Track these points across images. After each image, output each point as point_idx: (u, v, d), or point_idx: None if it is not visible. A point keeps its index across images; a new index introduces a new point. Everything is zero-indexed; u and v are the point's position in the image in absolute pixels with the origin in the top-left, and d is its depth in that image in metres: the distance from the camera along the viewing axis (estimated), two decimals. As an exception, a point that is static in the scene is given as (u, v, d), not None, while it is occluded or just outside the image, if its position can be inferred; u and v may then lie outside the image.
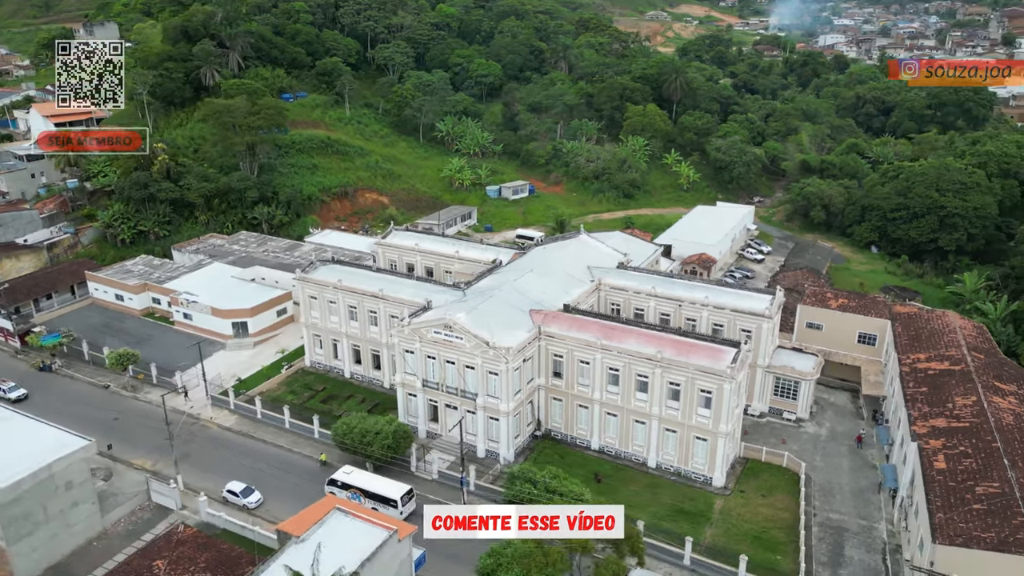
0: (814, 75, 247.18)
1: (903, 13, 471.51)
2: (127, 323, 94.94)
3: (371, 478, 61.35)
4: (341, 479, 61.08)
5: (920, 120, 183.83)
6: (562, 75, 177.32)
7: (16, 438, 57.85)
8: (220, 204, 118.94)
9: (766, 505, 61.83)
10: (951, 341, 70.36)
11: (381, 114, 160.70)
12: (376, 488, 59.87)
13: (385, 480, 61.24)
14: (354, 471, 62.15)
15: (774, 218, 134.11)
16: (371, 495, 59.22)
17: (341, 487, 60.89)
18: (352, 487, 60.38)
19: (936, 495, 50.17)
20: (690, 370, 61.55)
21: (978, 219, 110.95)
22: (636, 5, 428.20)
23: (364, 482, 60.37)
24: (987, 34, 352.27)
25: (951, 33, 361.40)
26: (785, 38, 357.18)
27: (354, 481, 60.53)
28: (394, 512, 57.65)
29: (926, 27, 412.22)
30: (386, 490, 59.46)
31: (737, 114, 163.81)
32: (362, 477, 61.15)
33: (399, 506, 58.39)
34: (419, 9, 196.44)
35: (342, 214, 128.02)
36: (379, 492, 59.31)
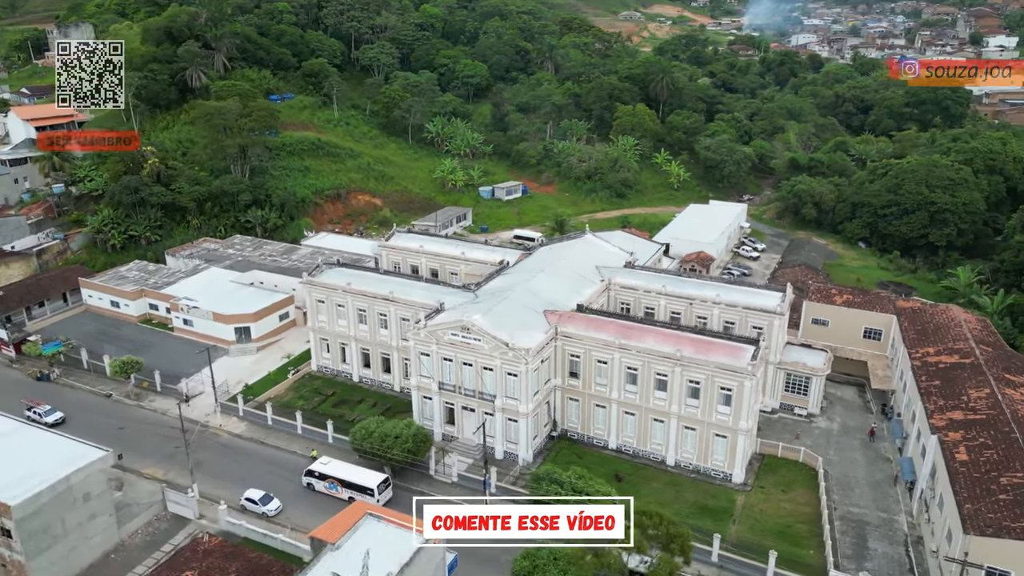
0: (791, 74, 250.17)
1: (870, 13, 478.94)
2: (124, 330, 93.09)
3: (348, 467, 63.02)
4: (318, 469, 62.63)
5: (899, 118, 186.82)
6: (548, 75, 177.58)
7: (31, 450, 56.47)
8: (212, 208, 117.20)
9: (787, 500, 62.43)
10: (958, 335, 71.65)
11: (369, 115, 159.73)
12: (353, 477, 61.38)
13: (362, 469, 63.01)
14: (331, 461, 63.77)
15: (765, 216, 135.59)
16: (348, 484, 61.04)
17: (318, 477, 62.40)
18: (329, 477, 61.91)
19: (962, 487, 51.01)
20: (710, 368, 61.92)
21: (967, 215, 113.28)
22: (609, 5, 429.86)
23: (341, 471, 62.09)
24: (955, 33, 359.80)
25: (920, 32, 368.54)
26: (759, 38, 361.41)
27: (331, 471, 62.23)
28: (371, 500, 59.32)
29: (894, 27, 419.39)
30: (363, 479, 61.05)
31: (723, 113, 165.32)
32: (339, 467, 62.76)
33: (375, 494, 59.96)
34: (403, 9, 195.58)
35: (335, 216, 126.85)
36: (356, 481, 61.15)
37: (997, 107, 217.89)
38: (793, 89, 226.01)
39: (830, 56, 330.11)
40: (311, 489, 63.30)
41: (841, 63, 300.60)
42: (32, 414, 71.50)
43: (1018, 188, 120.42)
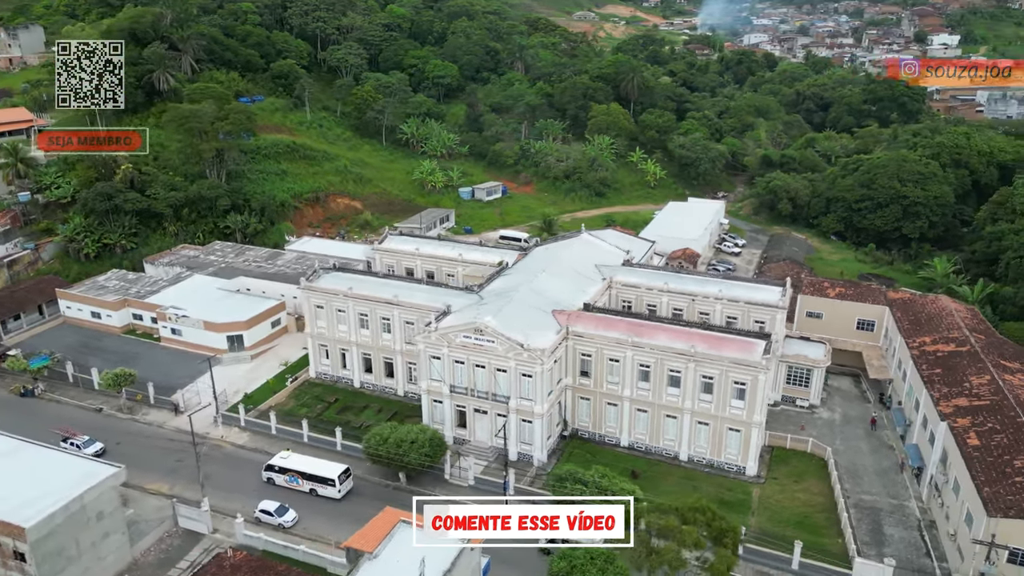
0: (749, 73, 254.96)
1: (815, 13, 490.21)
2: (107, 342, 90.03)
3: (308, 460, 63.97)
4: (278, 464, 63.73)
5: (858, 115, 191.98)
6: (519, 75, 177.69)
7: (40, 469, 54.29)
8: (190, 214, 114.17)
9: (801, 491, 63.66)
10: (951, 324, 73.99)
11: (340, 117, 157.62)
12: (314, 469, 62.55)
13: (322, 461, 64.22)
14: (291, 455, 64.60)
15: (741, 212, 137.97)
16: (309, 476, 62.24)
17: (278, 471, 63.38)
18: (290, 470, 62.89)
19: (978, 471, 52.68)
20: (724, 363, 62.76)
21: (938, 207, 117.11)
22: (563, 5, 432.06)
23: (301, 464, 63.24)
24: (901, 32, 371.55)
25: (867, 32, 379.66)
26: (714, 37, 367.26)
27: (291, 464, 63.38)
28: (332, 491, 61.53)
29: (839, 26, 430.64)
30: (324, 470, 62.26)
31: (693, 112, 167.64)
32: (299, 460, 63.99)
33: (336, 485, 61.41)
34: (369, 10, 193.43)
35: (315, 220, 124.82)
36: (317, 473, 62.20)
37: (948, 103, 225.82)
38: (752, 87, 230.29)
39: (783, 55, 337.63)
40: (271, 484, 63.83)
41: (794, 62, 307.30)
42: (68, 446, 66.34)
43: (982, 181, 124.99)
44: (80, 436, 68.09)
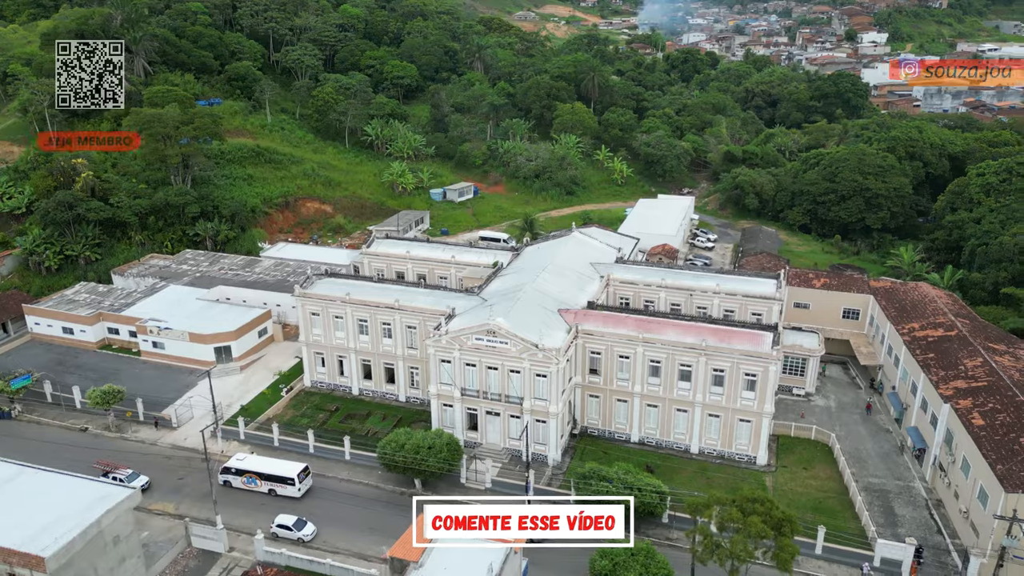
0: (695, 71, 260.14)
1: (745, 12, 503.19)
2: (84, 358, 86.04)
3: (266, 461, 63.95)
4: (235, 466, 63.41)
5: (806, 111, 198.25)
6: (479, 75, 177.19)
7: (51, 493, 51.41)
8: (156, 222, 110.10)
9: (811, 477, 65.34)
10: (935, 310, 77.09)
11: (299, 119, 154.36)
12: (272, 469, 62.40)
13: (279, 461, 64.25)
14: (247, 456, 64.53)
15: (708, 207, 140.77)
16: (268, 477, 62.07)
17: (235, 473, 62.95)
18: (247, 472, 62.51)
19: (989, 450, 55.01)
20: (736, 355, 63.92)
21: (898, 198, 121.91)
22: (503, 5, 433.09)
23: (259, 465, 63.11)
24: (833, 30, 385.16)
25: (800, 30, 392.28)
26: (655, 36, 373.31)
27: (249, 466, 63.15)
28: (292, 490, 61.46)
29: (770, 25, 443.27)
30: (283, 470, 62.09)
31: (653, 110, 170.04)
32: (257, 461, 63.88)
33: (296, 483, 61.38)
34: (321, 9, 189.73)
35: (286, 226, 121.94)
36: (276, 473, 62.05)
37: (887, 98, 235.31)
38: (699, 85, 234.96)
39: (723, 54, 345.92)
40: (228, 486, 63.12)
41: (734, 60, 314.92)
42: (111, 480, 61.45)
43: (935, 172, 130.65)
44: (123, 469, 64.27)
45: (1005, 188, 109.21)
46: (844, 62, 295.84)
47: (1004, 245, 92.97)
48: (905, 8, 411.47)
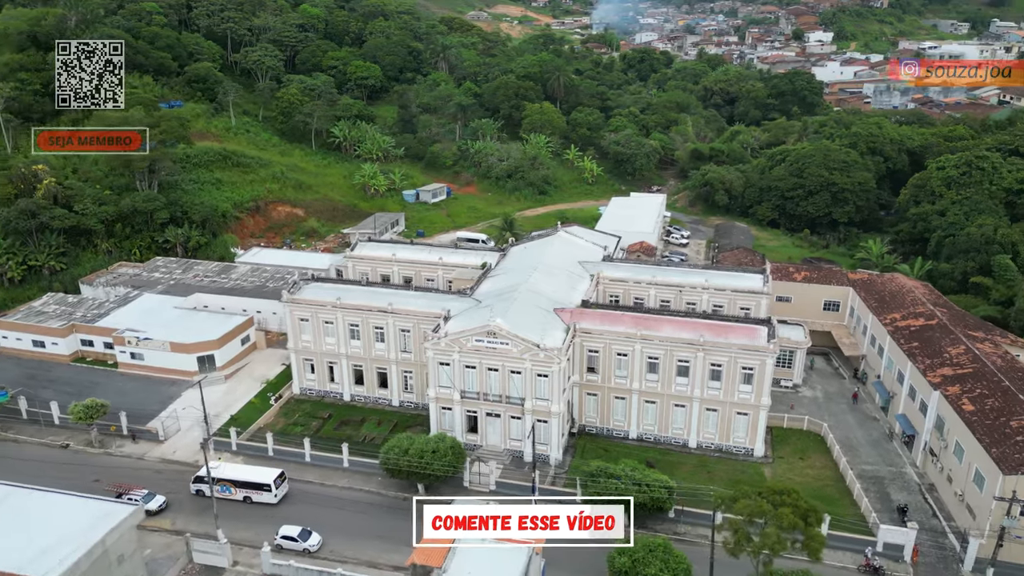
0: (651, 70, 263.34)
1: (693, 12, 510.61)
2: (57, 372, 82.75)
3: (240, 468, 63.15)
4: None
5: (764, 108, 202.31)
6: (444, 75, 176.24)
7: (50, 513, 49.53)
8: (123, 229, 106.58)
9: (807, 466, 66.76)
10: (914, 300, 79.47)
11: (262, 121, 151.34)
12: (247, 476, 61.95)
13: (253, 467, 63.72)
14: (220, 464, 63.22)
15: (677, 204, 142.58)
16: (243, 484, 61.44)
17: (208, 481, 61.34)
18: (221, 480, 61.35)
19: (982, 434, 56.95)
20: (733, 350, 64.90)
21: (863, 192, 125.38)
22: (455, 5, 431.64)
23: (234, 473, 62.33)
24: (780, 30, 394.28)
25: (749, 30, 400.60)
26: (609, 36, 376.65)
27: (222, 474, 61.99)
28: (268, 497, 61.02)
29: (719, 24, 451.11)
30: (259, 476, 61.72)
31: (619, 109, 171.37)
32: (230, 468, 62.97)
33: (272, 490, 61.04)
34: (279, 9, 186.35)
35: (257, 230, 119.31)
36: (252, 479, 61.57)
37: (838, 95, 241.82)
38: (657, 84, 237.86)
39: (676, 53, 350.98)
40: (201, 496, 61.71)
41: (688, 59, 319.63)
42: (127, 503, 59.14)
43: (895, 167, 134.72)
44: (138, 490, 61.85)
45: (965, 181, 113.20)
46: (794, 60, 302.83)
47: (971, 236, 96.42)
48: (848, 8, 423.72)
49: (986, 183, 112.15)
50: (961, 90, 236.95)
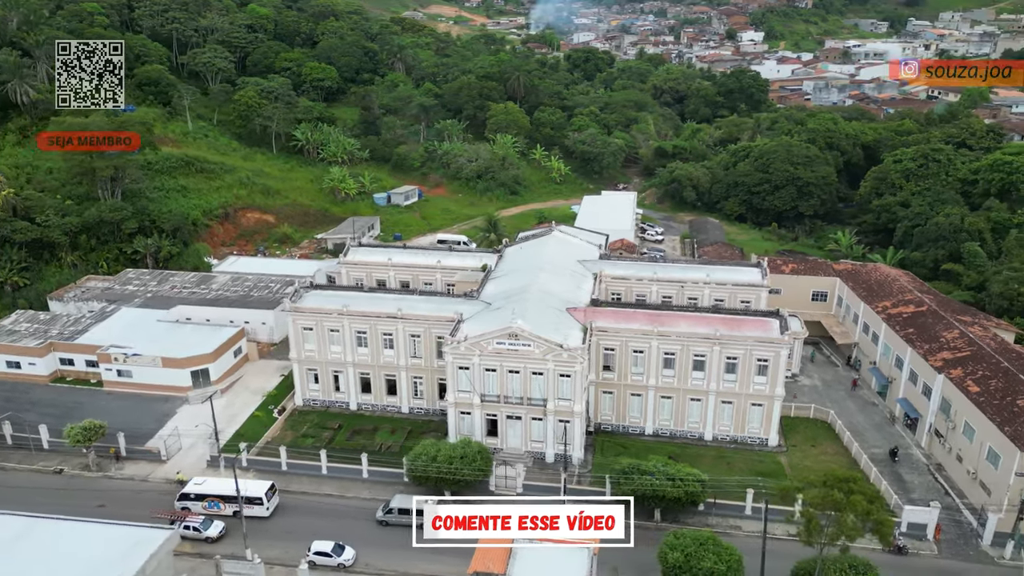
0: (596, 70, 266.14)
1: (624, 13, 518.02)
2: (37, 394, 78.18)
3: (227, 482, 60.27)
4: (194, 491, 60.59)
5: (713, 106, 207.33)
6: (401, 76, 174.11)
7: (76, 544, 46.59)
8: (89, 240, 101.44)
9: (820, 453, 68.63)
10: (900, 288, 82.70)
11: (217, 125, 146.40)
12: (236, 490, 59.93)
13: (244, 481, 61.01)
14: (206, 480, 61.72)
15: (646, 202, 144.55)
16: (232, 499, 58.53)
17: (195, 499, 60.17)
18: (208, 496, 59.96)
19: (993, 413, 59.68)
20: (749, 342, 66.19)
21: (826, 186, 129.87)
22: (388, 5, 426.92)
23: (220, 487, 60.22)
24: (714, 30, 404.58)
25: (684, 29, 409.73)
26: (550, 36, 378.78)
27: (210, 489, 60.46)
28: (260, 510, 59.36)
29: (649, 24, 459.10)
30: (249, 489, 59.64)
31: (578, 108, 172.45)
32: (217, 483, 61.06)
33: (264, 502, 59.70)
34: (226, 9, 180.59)
35: (227, 239, 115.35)
36: (243, 494, 58.77)
37: (779, 93, 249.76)
38: (604, 84, 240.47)
39: (615, 53, 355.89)
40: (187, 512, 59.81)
41: (627, 59, 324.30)
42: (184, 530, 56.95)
43: (851, 160, 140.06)
44: (194, 517, 58.78)
45: (923, 173, 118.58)
46: (730, 59, 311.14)
47: (940, 225, 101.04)
48: (776, 8, 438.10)
49: (942, 174, 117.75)
50: (893, 86, 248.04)
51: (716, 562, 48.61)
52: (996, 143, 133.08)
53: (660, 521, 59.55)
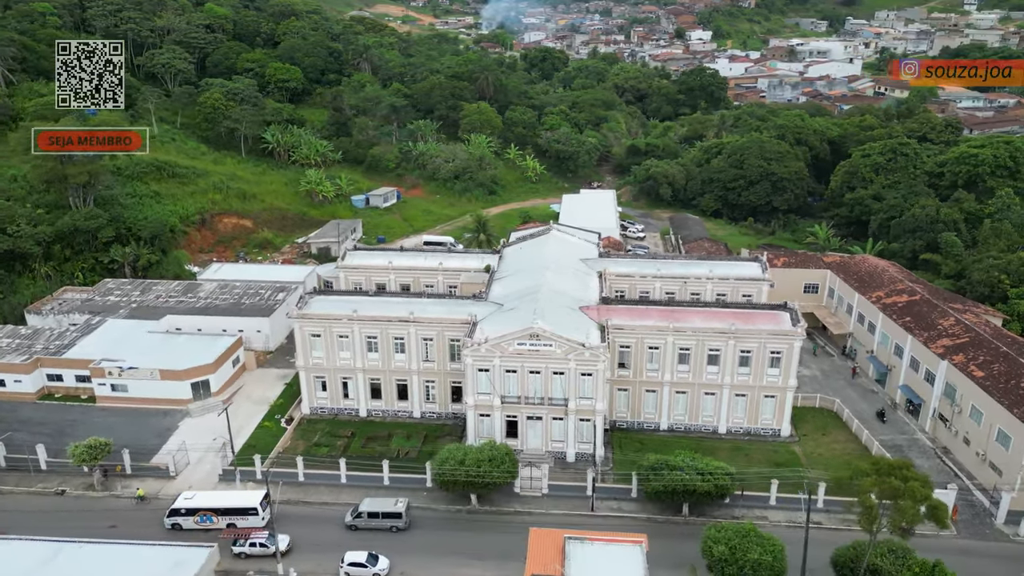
0: (553, 69, 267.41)
1: (569, 13, 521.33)
2: (25, 412, 74.55)
3: (219, 494, 60.52)
4: (184, 506, 58.87)
5: (674, 104, 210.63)
6: (368, 76, 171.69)
7: (113, 568, 44.63)
8: (63, 251, 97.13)
9: (831, 442, 70.25)
10: (891, 278, 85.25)
11: (181, 128, 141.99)
12: (230, 502, 59.01)
13: (233, 492, 61.29)
14: (196, 494, 60.26)
15: (622, 199, 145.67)
16: (226, 511, 58.18)
17: (186, 514, 58.39)
18: (201, 510, 58.44)
19: (1000, 396, 62.01)
20: (763, 336, 67.30)
21: (798, 181, 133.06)
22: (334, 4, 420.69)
23: (212, 500, 59.38)
24: (664, 29, 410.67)
25: (635, 28, 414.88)
26: (503, 35, 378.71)
27: (201, 503, 59.08)
28: (255, 520, 57.86)
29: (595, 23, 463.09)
30: (243, 500, 58.93)
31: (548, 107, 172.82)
32: (208, 496, 60.10)
33: (259, 512, 58.30)
34: (182, 9, 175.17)
35: (205, 245, 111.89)
36: (236, 505, 58.79)
37: (735, 90, 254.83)
38: (562, 83, 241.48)
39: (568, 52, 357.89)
40: (178, 529, 58.27)
41: (580, 58, 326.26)
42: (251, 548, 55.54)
43: (818, 155, 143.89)
44: (259, 533, 56.37)
45: (892, 166, 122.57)
46: (682, 58, 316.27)
47: (917, 216, 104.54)
48: (721, 7, 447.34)
49: (910, 168, 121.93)
50: (843, 83, 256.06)
51: (762, 553, 49.20)
52: (955, 136, 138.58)
53: (688, 515, 60.16)
